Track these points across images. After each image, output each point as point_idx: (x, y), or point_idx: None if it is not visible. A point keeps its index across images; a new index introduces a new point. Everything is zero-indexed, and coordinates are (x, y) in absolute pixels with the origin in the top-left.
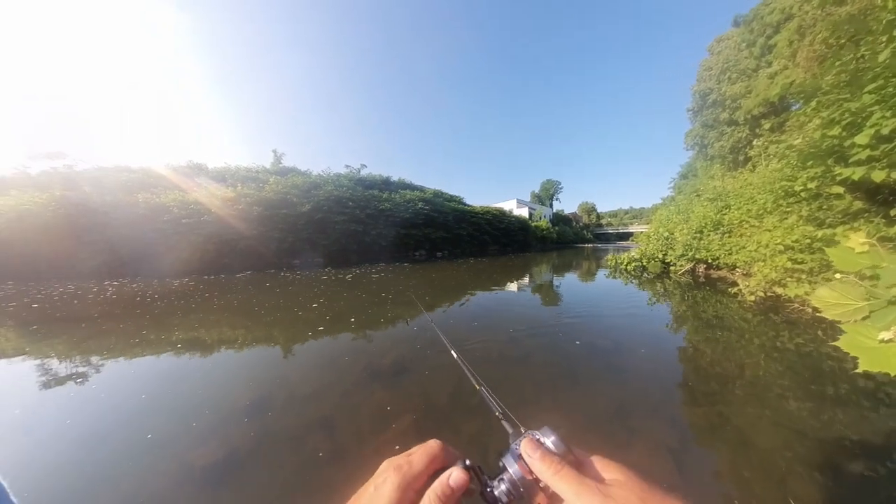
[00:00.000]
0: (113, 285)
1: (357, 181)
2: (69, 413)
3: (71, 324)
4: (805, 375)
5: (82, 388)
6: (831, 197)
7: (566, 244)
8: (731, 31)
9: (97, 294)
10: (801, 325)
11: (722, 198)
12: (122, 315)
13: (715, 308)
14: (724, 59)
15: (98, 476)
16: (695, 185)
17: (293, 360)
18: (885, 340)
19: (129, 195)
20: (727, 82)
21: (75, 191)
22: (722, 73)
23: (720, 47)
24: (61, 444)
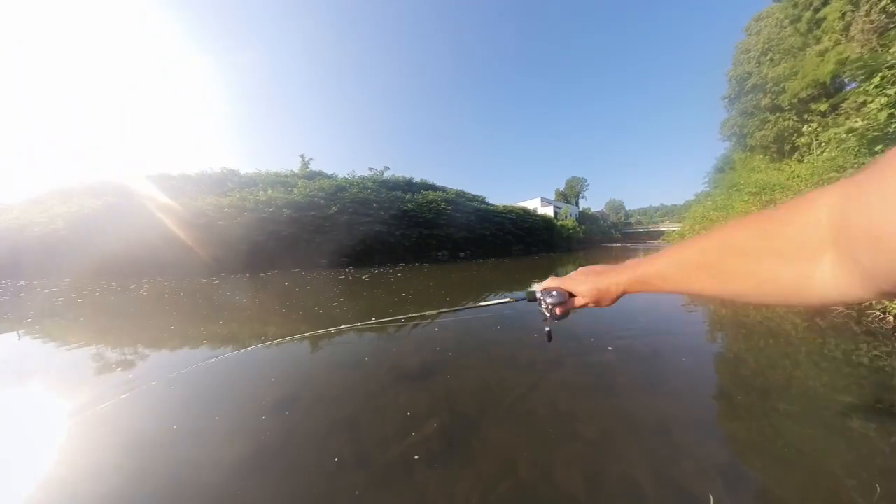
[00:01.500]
0: (149, 283)
1: (381, 183)
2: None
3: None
4: (875, 393)
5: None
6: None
7: (593, 244)
8: (772, 8)
9: (134, 289)
10: (880, 335)
11: (766, 191)
12: (143, 310)
13: (759, 312)
14: (765, 38)
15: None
16: (732, 179)
17: (311, 358)
18: None
19: (172, 199)
20: (769, 64)
21: (124, 198)
22: (762, 55)
23: (759, 27)
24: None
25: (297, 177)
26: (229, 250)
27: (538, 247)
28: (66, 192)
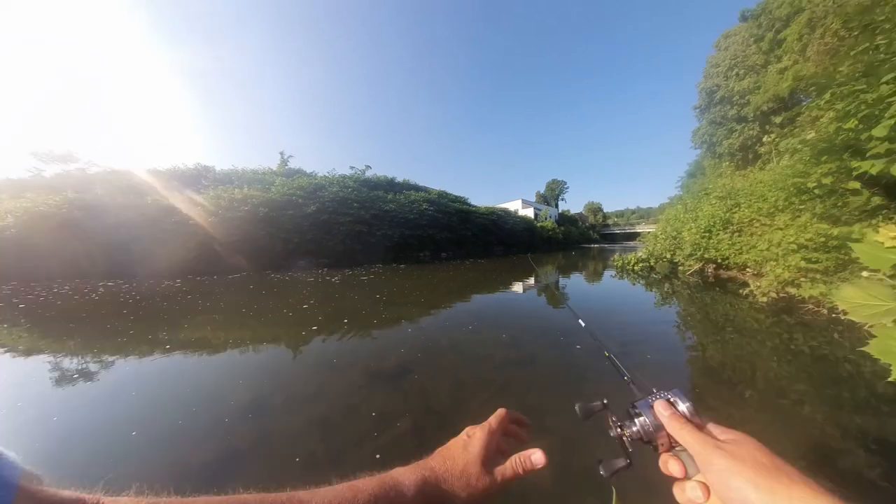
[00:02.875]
0: (121, 286)
1: (362, 182)
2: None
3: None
4: (821, 379)
5: (70, 385)
6: (847, 193)
7: (572, 244)
8: (739, 27)
9: (98, 293)
10: (816, 327)
11: (731, 196)
12: (104, 315)
13: (725, 309)
14: (732, 55)
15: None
16: (703, 184)
17: (282, 362)
18: None
19: (139, 197)
20: (735, 78)
21: (87, 193)
22: (730, 70)
23: (727, 43)
24: (50, 441)
25: (276, 174)
26: (201, 250)
27: (519, 247)
28: (18, 185)
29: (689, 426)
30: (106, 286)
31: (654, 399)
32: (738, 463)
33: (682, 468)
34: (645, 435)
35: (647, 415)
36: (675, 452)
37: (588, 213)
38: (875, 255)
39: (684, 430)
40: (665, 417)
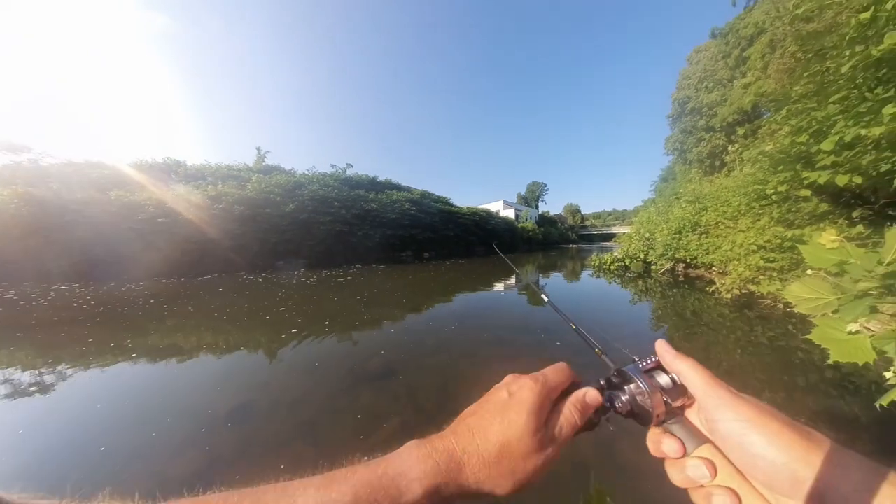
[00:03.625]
0: (76, 290)
1: (343, 181)
2: None
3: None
4: (778, 367)
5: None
6: (799, 199)
7: (552, 245)
8: (709, 43)
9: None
10: (773, 320)
11: (699, 200)
12: (56, 323)
13: (694, 305)
14: (702, 69)
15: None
16: (674, 188)
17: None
18: (852, 332)
19: (101, 192)
20: (704, 91)
21: (41, 187)
22: (700, 83)
23: (698, 57)
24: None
25: (252, 171)
26: (172, 251)
27: (500, 248)
28: None
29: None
30: (59, 290)
31: (644, 363)
32: (764, 415)
33: (679, 445)
34: (635, 405)
35: (639, 379)
36: (668, 426)
37: (567, 215)
38: (818, 256)
39: (698, 370)
40: (670, 355)
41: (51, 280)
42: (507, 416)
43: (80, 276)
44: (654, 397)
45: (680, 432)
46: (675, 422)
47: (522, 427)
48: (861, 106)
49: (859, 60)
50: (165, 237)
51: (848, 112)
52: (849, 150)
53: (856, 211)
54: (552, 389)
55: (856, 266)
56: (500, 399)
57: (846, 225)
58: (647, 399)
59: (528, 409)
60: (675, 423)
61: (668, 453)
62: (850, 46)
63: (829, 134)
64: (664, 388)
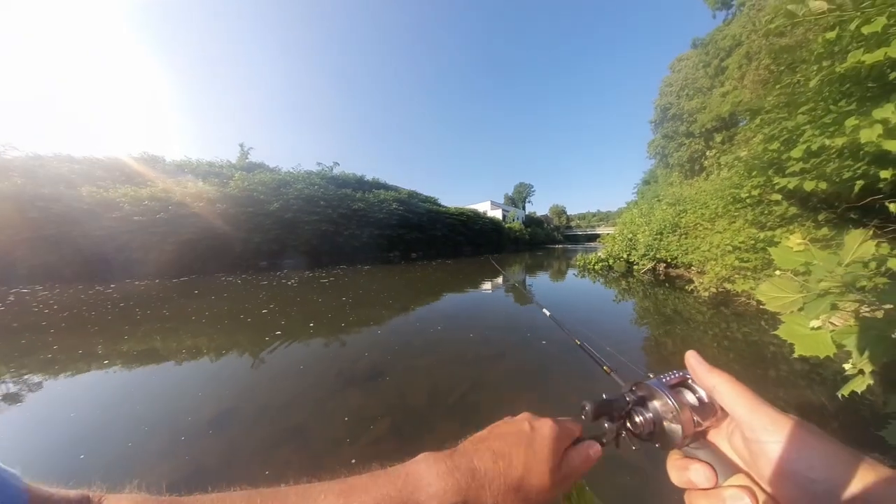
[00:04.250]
0: (39, 293)
1: (329, 180)
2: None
3: None
4: (751, 360)
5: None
6: (771, 203)
7: (538, 245)
8: (690, 52)
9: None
10: (747, 316)
11: (680, 203)
12: (17, 329)
13: (674, 303)
14: (684, 76)
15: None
16: (656, 191)
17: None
18: (815, 328)
19: (71, 188)
20: (685, 98)
21: (5, 181)
22: (681, 90)
23: (680, 66)
24: None
25: (235, 168)
26: (148, 251)
27: (487, 248)
28: None
29: (740, 384)
30: (19, 294)
31: (667, 378)
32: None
33: (711, 472)
34: (658, 425)
35: (666, 394)
36: (692, 450)
37: (553, 216)
38: (786, 257)
39: (737, 386)
40: (703, 369)
41: (11, 283)
42: (532, 448)
43: (45, 277)
44: (683, 416)
45: (708, 457)
46: (699, 445)
47: (545, 460)
48: (826, 117)
49: (825, 75)
50: (142, 237)
51: (815, 123)
52: (815, 158)
53: (821, 214)
54: (567, 436)
55: (818, 267)
56: (522, 430)
57: (813, 228)
58: (676, 418)
59: (551, 447)
60: (701, 448)
61: (697, 482)
62: (818, 62)
63: (799, 143)
64: (693, 407)
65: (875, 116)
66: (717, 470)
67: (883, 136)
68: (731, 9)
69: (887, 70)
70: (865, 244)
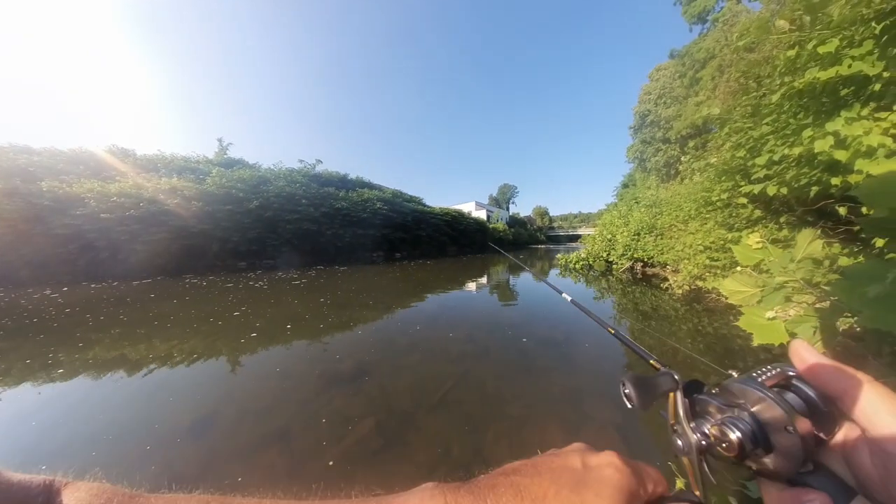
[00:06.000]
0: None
1: (311, 178)
2: None
3: None
4: (721, 352)
5: None
6: (738, 206)
7: (521, 245)
8: (668, 62)
9: None
10: (717, 311)
11: (656, 205)
12: None
13: (651, 300)
14: (662, 85)
15: None
16: (634, 194)
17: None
18: (771, 318)
19: (29, 183)
20: (663, 106)
21: None
22: (659, 98)
23: (658, 75)
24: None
25: (212, 164)
26: (116, 250)
27: (472, 248)
28: None
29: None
30: None
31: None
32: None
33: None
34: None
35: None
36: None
37: (536, 217)
38: (745, 255)
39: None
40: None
41: None
42: (581, 493)
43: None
44: (800, 427)
45: (823, 484)
46: (813, 471)
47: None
48: (787, 129)
49: (787, 90)
50: (108, 235)
51: (777, 133)
52: (777, 165)
53: (783, 217)
54: (644, 487)
55: (774, 263)
56: (570, 466)
57: (775, 229)
58: (789, 432)
59: (614, 496)
60: (812, 472)
61: None
62: (781, 77)
63: (763, 151)
64: (811, 413)
65: (827, 129)
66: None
67: (834, 147)
68: (706, 23)
69: (839, 87)
70: (815, 242)
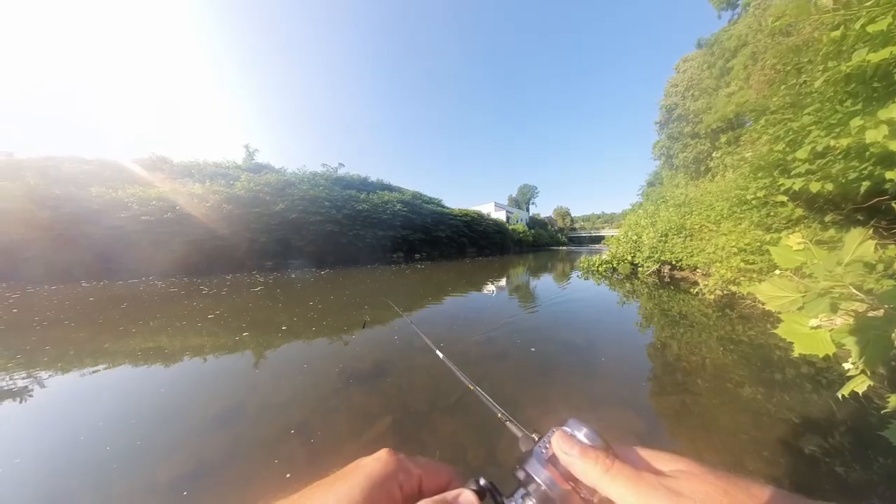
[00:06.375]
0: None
1: (334, 181)
2: None
3: None
4: (757, 364)
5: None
6: (777, 205)
7: (542, 247)
8: (696, 53)
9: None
10: (753, 319)
11: (685, 204)
12: None
13: (679, 306)
14: (689, 77)
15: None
16: (661, 193)
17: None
18: (814, 327)
19: (81, 189)
20: (691, 99)
21: (17, 181)
22: (686, 90)
23: (685, 66)
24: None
25: (241, 169)
26: (156, 250)
27: (491, 249)
28: None
29: (615, 465)
30: (30, 292)
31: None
32: None
33: None
34: None
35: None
36: None
37: (557, 217)
38: (785, 257)
39: (609, 475)
40: (574, 458)
41: (20, 280)
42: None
43: (54, 276)
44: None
45: None
46: None
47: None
48: (832, 118)
49: (831, 75)
50: (148, 236)
51: (820, 123)
52: (821, 158)
53: (828, 216)
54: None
55: (819, 266)
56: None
57: (819, 229)
58: None
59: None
60: None
61: None
62: (824, 62)
63: (804, 143)
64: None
65: (880, 117)
66: None
67: (888, 137)
68: (736, 9)
69: (893, 69)
70: (866, 243)
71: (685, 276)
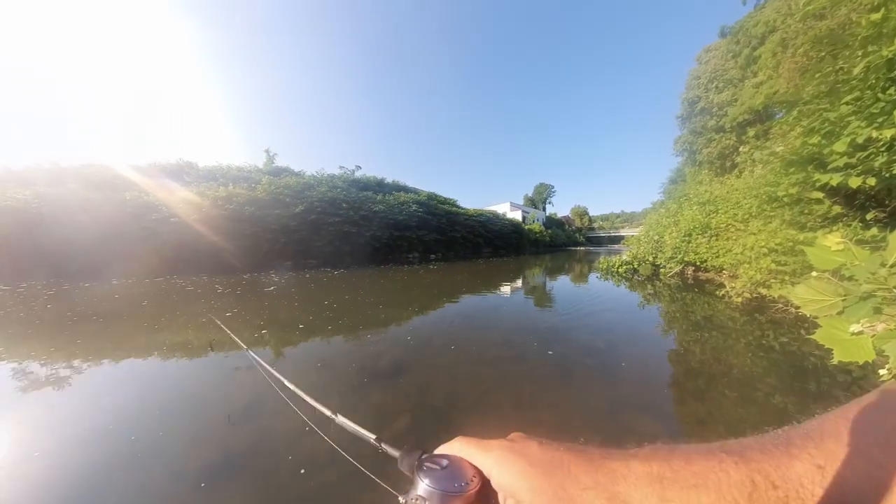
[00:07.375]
0: (65, 287)
1: (351, 182)
2: None
3: None
4: (789, 372)
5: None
6: (811, 202)
7: (559, 247)
8: (718, 42)
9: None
10: (785, 324)
11: (710, 202)
12: None
13: (704, 309)
14: (712, 68)
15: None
16: (683, 190)
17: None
18: (855, 333)
19: (116, 193)
20: (714, 91)
21: (60, 187)
22: (710, 82)
23: (708, 57)
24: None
25: (262, 173)
26: (183, 250)
27: (507, 250)
28: None
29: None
30: (86, 288)
31: None
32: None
33: None
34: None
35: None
36: None
37: (574, 217)
38: (822, 258)
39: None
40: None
41: (63, 278)
42: None
43: (94, 274)
44: None
45: None
46: None
47: None
48: (874, 107)
49: (871, 61)
50: (176, 237)
51: (861, 113)
52: (861, 151)
53: (870, 213)
54: None
55: (860, 268)
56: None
57: (860, 228)
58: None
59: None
60: None
61: None
62: (863, 46)
63: (842, 135)
64: None
65: None
66: None
67: None
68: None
69: None
70: None
71: (710, 277)
